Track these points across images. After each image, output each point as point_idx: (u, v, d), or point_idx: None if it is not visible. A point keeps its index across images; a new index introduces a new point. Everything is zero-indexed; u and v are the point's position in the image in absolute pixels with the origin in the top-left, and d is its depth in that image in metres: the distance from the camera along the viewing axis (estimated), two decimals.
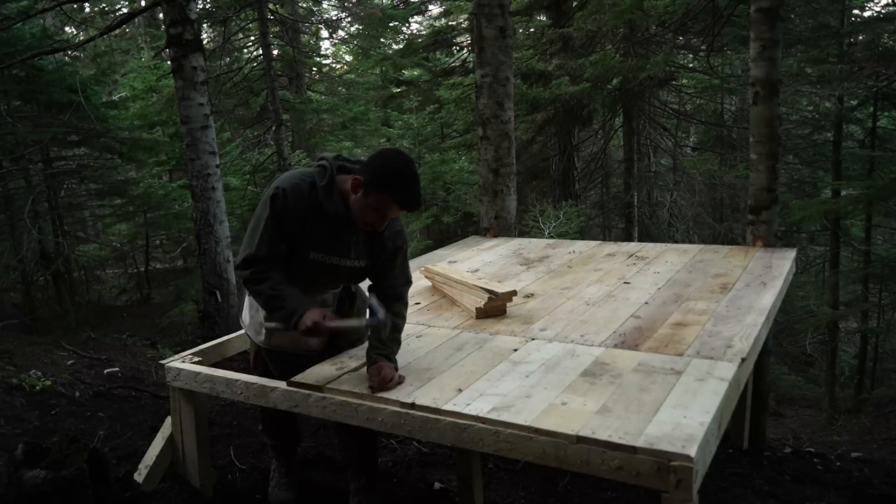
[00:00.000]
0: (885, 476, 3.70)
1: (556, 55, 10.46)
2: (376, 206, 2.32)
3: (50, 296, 8.51)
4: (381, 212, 2.34)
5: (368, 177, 2.30)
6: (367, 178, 2.30)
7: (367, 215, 2.35)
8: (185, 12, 5.65)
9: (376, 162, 2.35)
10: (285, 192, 2.35)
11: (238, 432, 3.73)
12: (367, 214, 2.35)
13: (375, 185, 2.29)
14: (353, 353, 2.68)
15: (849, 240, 9.52)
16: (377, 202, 2.31)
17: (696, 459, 1.77)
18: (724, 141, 11.50)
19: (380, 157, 2.37)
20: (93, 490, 2.54)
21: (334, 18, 16.63)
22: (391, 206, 2.32)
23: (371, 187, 2.29)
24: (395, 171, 2.31)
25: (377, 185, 2.29)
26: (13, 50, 7.20)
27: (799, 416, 8.63)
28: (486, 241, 4.92)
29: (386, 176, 2.29)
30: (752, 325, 2.75)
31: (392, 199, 2.30)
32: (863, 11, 9.52)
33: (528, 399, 2.16)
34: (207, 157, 5.87)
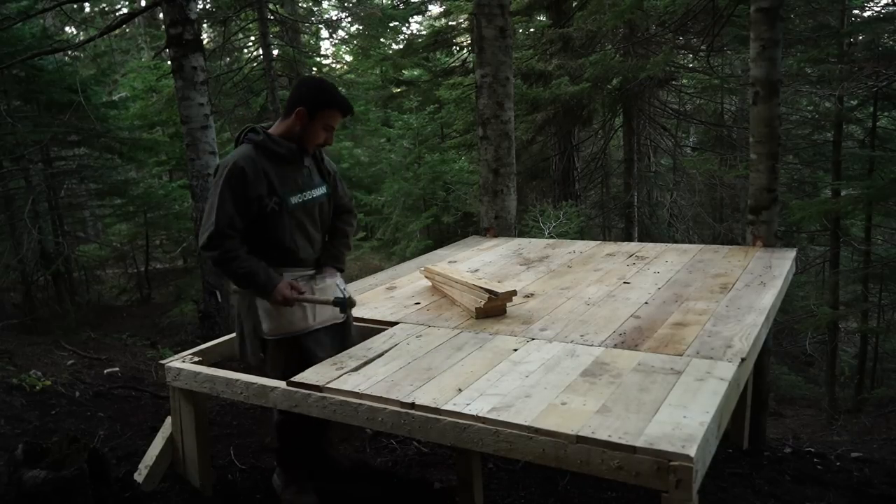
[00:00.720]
0: (885, 476, 3.70)
1: (556, 55, 10.46)
2: (324, 123, 2.67)
3: (50, 296, 8.51)
4: (330, 126, 2.70)
5: (309, 103, 2.63)
6: (308, 105, 2.63)
7: (318, 135, 2.69)
8: (185, 12, 5.65)
9: (305, 90, 2.69)
10: (238, 165, 2.56)
11: (238, 432, 3.73)
12: (318, 135, 2.69)
13: (319, 105, 2.64)
14: (353, 353, 2.69)
15: (849, 240, 9.51)
16: (325, 119, 2.66)
17: (696, 459, 1.77)
18: (724, 141, 11.50)
19: (306, 85, 2.74)
20: (93, 490, 2.54)
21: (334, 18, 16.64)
22: (337, 117, 2.69)
23: (316, 109, 2.63)
24: (328, 89, 2.69)
25: (321, 105, 2.64)
26: (13, 50, 7.21)
27: (799, 416, 8.63)
28: (486, 241, 4.92)
29: (324, 95, 2.66)
30: (752, 325, 2.75)
31: (338, 109, 2.68)
32: (863, 11, 9.52)
33: (528, 399, 2.16)
34: (207, 157, 5.87)
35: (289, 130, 2.67)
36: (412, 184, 10.96)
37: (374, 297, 3.55)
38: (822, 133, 9.83)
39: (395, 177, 11.54)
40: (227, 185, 2.54)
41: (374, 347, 2.74)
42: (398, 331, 2.95)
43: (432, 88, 12.51)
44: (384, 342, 2.80)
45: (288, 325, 2.69)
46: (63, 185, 8.91)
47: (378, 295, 3.58)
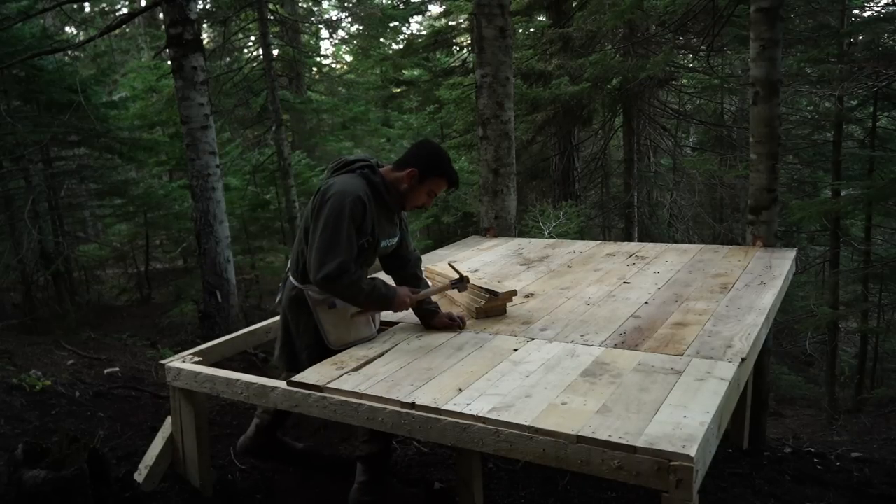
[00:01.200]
0: (885, 476, 3.70)
1: (556, 55, 10.45)
2: (430, 189, 2.81)
3: (50, 296, 8.50)
4: (434, 193, 2.84)
5: (423, 167, 2.76)
6: (422, 169, 2.76)
7: (421, 199, 2.83)
8: (185, 12, 5.65)
9: (424, 153, 2.83)
10: (362, 200, 2.65)
11: (238, 432, 3.72)
12: (421, 198, 2.82)
13: (431, 172, 2.78)
14: (353, 353, 2.69)
15: (849, 240, 9.51)
16: (432, 186, 2.81)
17: (697, 459, 1.77)
18: (724, 141, 11.49)
19: (425, 149, 2.86)
20: (93, 490, 2.54)
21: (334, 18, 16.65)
22: (443, 187, 2.85)
23: (427, 175, 2.77)
24: (444, 159, 2.82)
25: (433, 172, 2.78)
26: (13, 50, 7.20)
27: (799, 416, 8.63)
28: (486, 241, 4.92)
29: (439, 164, 2.80)
30: (752, 324, 2.75)
31: (447, 180, 2.83)
32: (863, 11, 9.51)
33: (528, 399, 2.16)
34: (207, 157, 5.87)
35: (397, 183, 2.79)
36: None
37: None
38: (822, 133, 9.82)
39: None
40: (351, 216, 2.61)
41: (374, 347, 2.75)
42: (398, 331, 2.95)
43: (432, 88, 12.51)
44: (384, 342, 2.81)
45: (356, 334, 2.82)
46: (63, 185, 8.90)
47: None
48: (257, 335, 3.36)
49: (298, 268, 2.77)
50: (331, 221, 2.60)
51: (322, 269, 2.58)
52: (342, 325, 2.77)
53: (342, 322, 2.77)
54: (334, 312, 2.76)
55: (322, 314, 2.75)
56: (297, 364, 2.80)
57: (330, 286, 2.64)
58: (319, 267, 2.59)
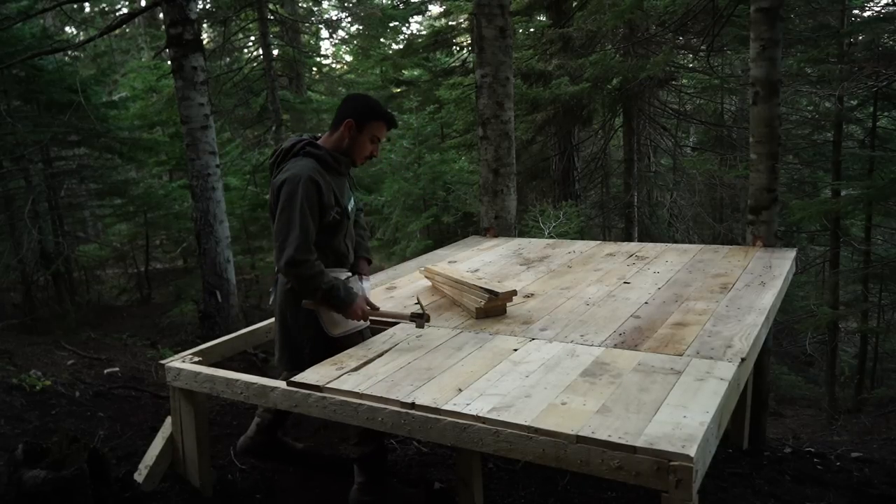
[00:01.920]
0: (885, 476, 3.70)
1: (556, 55, 10.44)
2: (371, 135, 2.82)
3: (50, 296, 8.51)
4: (377, 138, 2.85)
5: (357, 115, 2.78)
6: (357, 118, 2.78)
7: (366, 148, 2.84)
8: (185, 12, 5.65)
9: (353, 104, 2.84)
10: (312, 179, 2.65)
11: (238, 432, 3.72)
12: (365, 147, 2.84)
13: (367, 118, 2.79)
14: (353, 353, 2.69)
15: (849, 240, 9.51)
16: (372, 131, 2.82)
17: (696, 459, 1.77)
18: (724, 141, 11.48)
19: (353, 100, 2.88)
20: (93, 490, 2.54)
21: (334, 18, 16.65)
22: (383, 130, 2.85)
23: (363, 122, 2.79)
24: (375, 102, 2.85)
25: (368, 117, 2.79)
26: (13, 50, 7.21)
27: (799, 416, 8.63)
28: (486, 241, 4.92)
29: (371, 108, 2.81)
30: (752, 324, 2.75)
31: (385, 122, 2.83)
32: (863, 11, 9.51)
33: (528, 399, 2.16)
34: (207, 157, 5.87)
35: (338, 143, 2.81)
36: (412, 184, 10.95)
37: (374, 297, 3.53)
38: (822, 133, 9.82)
39: (395, 177, 11.53)
40: (305, 199, 2.61)
41: (374, 347, 2.75)
42: (398, 331, 2.95)
43: (432, 88, 12.50)
44: (384, 342, 2.81)
45: (354, 323, 2.83)
46: (63, 185, 8.90)
47: (378, 295, 3.58)
48: (257, 335, 3.36)
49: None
50: (286, 208, 2.62)
51: (282, 255, 2.60)
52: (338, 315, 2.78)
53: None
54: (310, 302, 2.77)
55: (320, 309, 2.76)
56: (299, 362, 2.81)
57: (290, 272, 2.64)
58: (280, 254, 2.62)
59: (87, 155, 9.37)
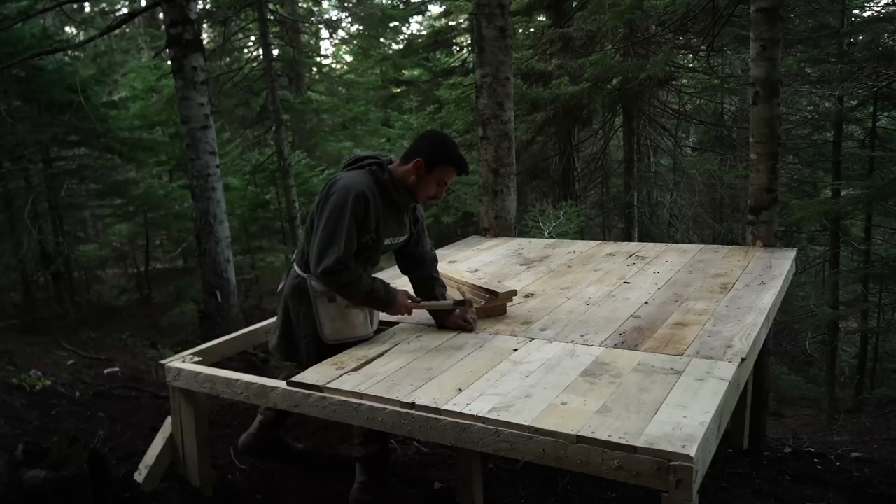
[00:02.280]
0: (885, 476, 3.70)
1: (556, 55, 10.44)
2: (439, 178, 2.78)
3: (50, 296, 8.51)
4: (444, 182, 2.81)
5: (429, 156, 2.74)
6: (428, 158, 2.74)
7: (431, 189, 2.80)
8: (185, 12, 5.65)
9: (428, 142, 2.80)
10: (365, 196, 2.64)
11: (238, 432, 3.72)
12: (431, 188, 2.79)
13: (438, 161, 2.75)
14: (353, 353, 2.69)
15: (849, 240, 9.51)
16: (440, 175, 2.77)
17: (696, 459, 1.77)
18: (724, 141, 11.48)
19: (429, 138, 2.84)
20: (93, 490, 2.54)
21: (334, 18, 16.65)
22: (452, 175, 2.81)
23: (434, 164, 2.74)
24: (450, 146, 2.81)
25: (440, 161, 2.75)
26: (13, 50, 7.20)
27: (799, 416, 8.62)
28: (486, 241, 4.92)
29: (445, 152, 2.77)
30: (752, 324, 2.75)
31: (456, 168, 2.79)
32: (863, 11, 9.50)
33: (528, 399, 2.16)
34: (207, 157, 5.87)
35: (404, 177, 2.78)
36: None
37: None
38: (822, 133, 9.81)
39: None
40: (353, 212, 2.61)
41: (374, 347, 2.75)
42: (398, 331, 2.95)
43: (432, 88, 12.50)
44: (384, 342, 2.81)
45: (351, 329, 2.80)
46: (63, 185, 8.89)
47: None
48: (257, 335, 3.36)
49: (303, 257, 2.80)
50: (333, 216, 2.62)
51: (321, 263, 2.61)
52: (339, 319, 2.78)
53: (339, 316, 2.78)
54: (333, 306, 2.76)
55: (321, 306, 2.76)
56: (295, 353, 2.83)
57: (328, 281, 2.66)
58: (319, 261, 2.62)
59: (87, 155, 9.37)
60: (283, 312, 2.90)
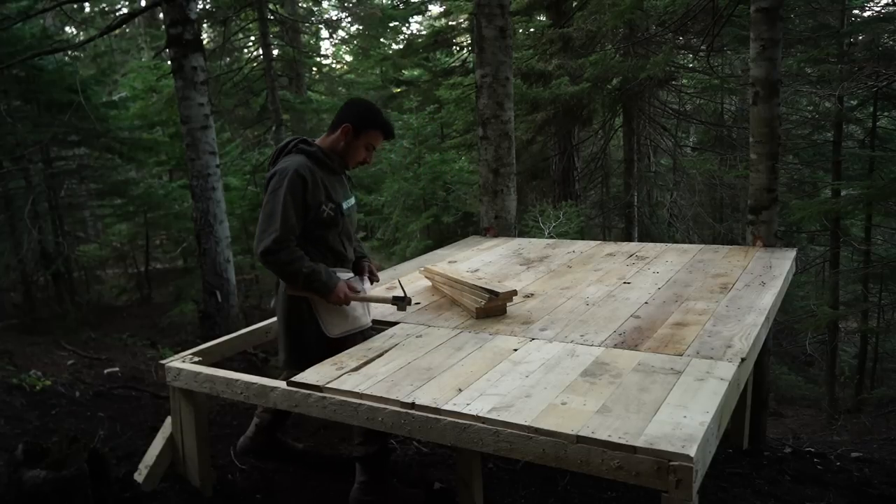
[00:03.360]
0: (885, 476, 3.70)
1: (556, 55, 10.44)
2: (367, 142, 2.86)
3: (50, 296, 8.51)
4: (372, 146, 2.89)
5: (357, 121, 2.82)
6: (356, 123, 2.81)
7: (360, 153, 2.88)
8: (185, 12, 5.65)
9: (355, 109, 2.88)
10: (299, 173, 2.69)
11: (238, 432, 3.72)
12: (360, 153, 2.87)
13: (365, 125, 2.82)
14: (353, 353, 2.69)
15: (849, 240, 9.51)
16: (368, 139, 2.85)
17: (696, 459, 1.77)
18: (724, 141, 11.48)
19: (356, 106, 2.91)
20: (93, 490, 2.54)
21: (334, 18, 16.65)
22: (379, 139, 2.89)
23: (361, 129, 2.82)
24: (376, 111, 2.88)
25: (367, 125, 2.83)
26: (13, 50, 7.21)
27: (799, 416, 8.63)
28: (486, 241, 4.92)
29: (371, 117, 2.85)
30: (752, 324, 2.75)
31: (382, 132, 2.87)
32: (863, 11, 9.51)
33: (528, 399, 2.16)
34: (207, 157, 5.87)
35: (334, 145, 2.86)
36: (412, 184, 10.96)
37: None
38: (822, 133, 9.82)
39: (395, 177, 11.53)
40: (289, 192, 2.66)
41: (374, 347, 2.74)
42: (398, 331, 2.95)
43: (432, 88, 12.50)
44: (384, 342, 2.81)
45: (354, 321, 2.86)
46: (63, 185, 8.90)
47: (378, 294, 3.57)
48: (257, 335, 3.36)
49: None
50: (269, 200, 2.68)
51: (260, 245, 2.66)
52: (337, 312, 2.81)
53: (339, 310, 2.81)
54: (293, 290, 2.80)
55: (319, 304, 2.79)
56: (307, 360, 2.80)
57: (269, 262, 2.68)
58: (258, 243, 2.67)
59: (87, 155, 9.38)
60: (284, 325, 2.91)
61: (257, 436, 3.28)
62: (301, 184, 2.68)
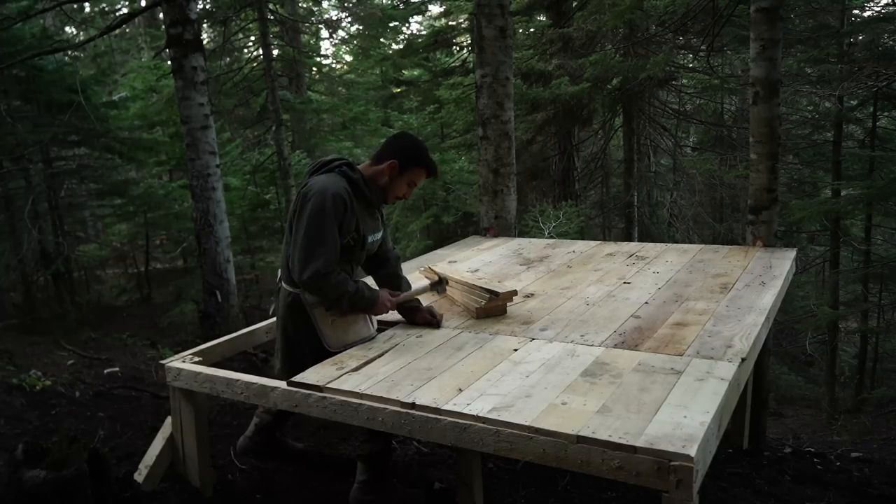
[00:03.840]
0: (885, 476, 3.70)
1: (556, 55, 10.44)
2: (410, 180, 2.85)
3: (50, 296, 8.51)
4: (414, 183, 2.89)
5: (403, 158, 2.80)
6: (402, 160, 2.79)
7: (401, 190, 2.86)
8: (185, 12, 5.65)
9: (402, 144, 2.87)
10: (342, 197, 2.65)
11: (238, 432, 3.72)
12: (401, 189, 2.86)
13: (411, 163, 2.81)
14: (353, 353, 2.69)
15: (849, 240, 9.51)
16: (412, 177, 2.85)
17: (697, 459, 1.77)
18: (724, 141, 11.49)
19: (403, 141, 2.91)
20: (93, 490, 2.54)
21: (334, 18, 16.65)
22: (422, 177, 2.89)
23: (407, 166, 2.81)
24: (423, 149, 2.87)
25: (413, 163, 2.82)
26: (13, 50, 7.21)
27: (799, 416, 8.63)
28: (486, 241, 4.92)
29: (418, 155, 2.84)
30: (752, 324, 2.75)
31: (426, 170, 2.86)
32: (863, 11, 9.51)
33: (529, 399, 2.16)
34: (207, 157, 5.87)
35: (377, 177, 2.82)
36: None
37: None
38: (822, 133, 9.82)
39: None
40: (333, 213, 2.61)
41: (374, 347, 2.74)
42: (398, 331, 2.95)
43: (432, 88, 12.50)
44: (384, 342, 2.81)
45: (355, 335, 2.81)
46: (63, 185, 8.89)
47: None
48: (257, 335, 3.36)
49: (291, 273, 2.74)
50: (315, 220, 2.59)
51: (308, 268, 2.57)
52: (340, 326, 2.76)
53: (340, 323, 2.76)
54: (331, 314, 2.74)
55: (319, 317, 2.74)
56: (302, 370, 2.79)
57: (316, 285, 2.61)
58: (304, 266, 2.58)
59: (87, 155, 9.37)
60: (282, 335, 2.86)
61: (256, 435, 3.28)
62: (343, 207, 2.63)
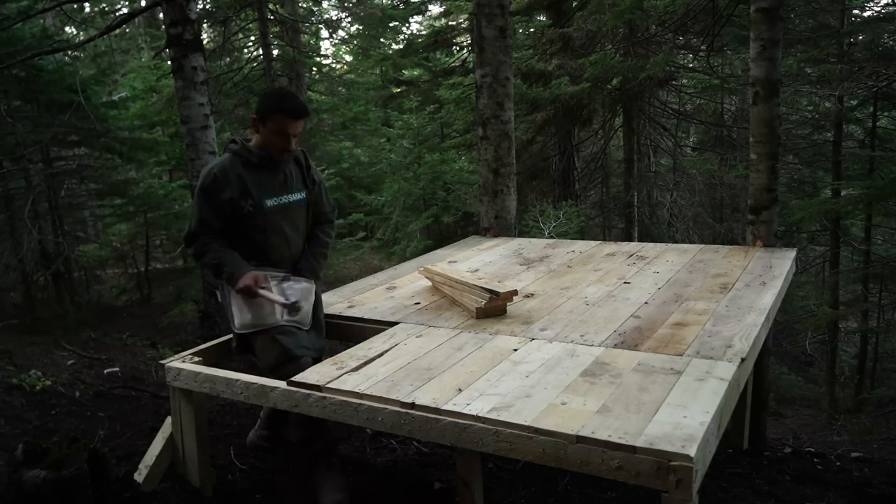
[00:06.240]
0: (885, 476, 3.70)
1: (556, 55, 10.45)
2: (274, 129, 2.82)
3: (50, 296, 8.51)
4: (283, 130, 2.82)
5: (259, 111, 2.85)
6: (259, 113, 2.84)
7: (275, 141, 2.84)
8: (185, 12, 5.65)
9: (259, 100, 2.95)
10: (212, 172, 2.85)
11: (238, 432, 3.73)
12: (275, 140, 2.84)
13: (267, 112, 2.82)
14: (353, 353, 2.69)
15: (849, 240, 9.51)
16: (275, 125, 2.82)
17: (696, 459, 1.77)
18: (724, 141, 11.49)
19: (260, 96, 3.05)
20: (93, 490, 2.54)
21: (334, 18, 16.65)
22: (286, 121, 2.81)
23: (264, 116, 2.83)
24: (275, 94, 2.96)
25: (268, 111, 2.82)
26: (13, 50, 7.21)
27: (799, 416, 8.63)
28: (486, 241, 4.92)
29: (270, 99, 2.88)
30: (752, 324, 2.75)
31: (284, 112, 2.80)
32: (863, 11, 9.51)
33: (528, 399, 2.16)
34: (207, 157, 5.87)
35: (256, 141, 2.92)
36: (412, 184, 10.96)
37: (375, 297, 3.55)
38: (822, 133, 9.82)
39: (395, 177, 11.54)
40: (201, 190, 2.86)
41: (374, 347, 2.74)
42: (398, 331, 2.95)
43: (432, 88, 12.50)
44: (384, 342, 2.80)
45: (257, 319, 2.86)
46: (63, 185, 8.90)
47: (378, 295, 3.58)
48: None
49: None
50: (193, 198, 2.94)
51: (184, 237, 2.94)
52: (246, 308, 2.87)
53: (246, 306, 2.87)
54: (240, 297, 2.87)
55: (232, 297, 2.91)
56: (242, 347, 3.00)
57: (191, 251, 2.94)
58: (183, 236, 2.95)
59: (87, 155, 9.37)
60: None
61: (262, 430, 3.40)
62: (212, 181, 2.82)
